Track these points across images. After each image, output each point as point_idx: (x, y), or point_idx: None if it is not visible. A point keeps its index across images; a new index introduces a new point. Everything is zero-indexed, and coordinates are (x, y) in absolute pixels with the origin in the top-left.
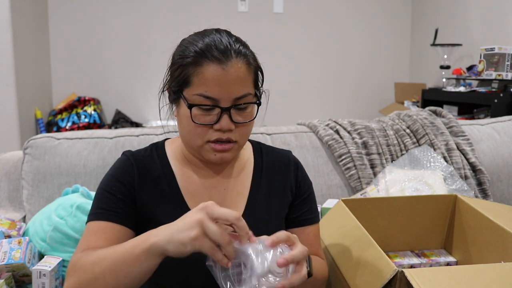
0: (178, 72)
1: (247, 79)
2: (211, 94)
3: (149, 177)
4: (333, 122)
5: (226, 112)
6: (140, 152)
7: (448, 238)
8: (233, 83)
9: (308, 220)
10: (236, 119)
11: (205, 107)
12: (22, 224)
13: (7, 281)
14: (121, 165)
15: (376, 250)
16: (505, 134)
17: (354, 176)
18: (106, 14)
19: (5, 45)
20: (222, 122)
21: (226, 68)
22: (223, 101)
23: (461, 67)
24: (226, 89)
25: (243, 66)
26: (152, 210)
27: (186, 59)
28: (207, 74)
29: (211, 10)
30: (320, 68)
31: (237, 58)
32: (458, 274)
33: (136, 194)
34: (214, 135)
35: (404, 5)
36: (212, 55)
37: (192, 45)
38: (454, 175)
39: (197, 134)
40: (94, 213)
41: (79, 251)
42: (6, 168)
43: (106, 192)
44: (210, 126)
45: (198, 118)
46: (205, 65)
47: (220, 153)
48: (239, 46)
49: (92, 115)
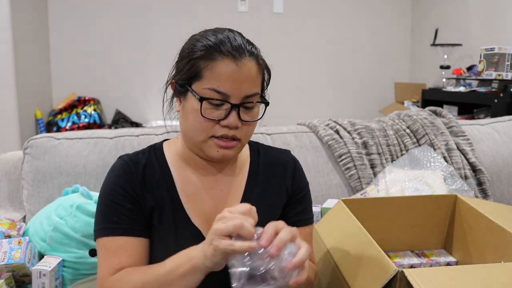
0: (189, 66)
1: (257, 79)
2: (223, 89)
3: (149, 182)
4: (333, 122)
5: (235, 109)
6: (138, 155)
7: (448, 238)
8: (245, 80)
9: (302, 221)
10: (243, 117)
11: (216, 102)
12: (22, 224)
13: (7, 281)
14: (120, 172)
15: (376, 250)
16: (505, 134)
17: (354, 176)
18: (106, 14)
19: (5, 45)
20: (230, 119)
21: (240, 65)
22: (233, 97)
23: (461, 67)
24: (238, 86)
25: (255, 67)
26: (151, 214)
27: (198, 52)
28: (221, 69)
29: (211, 10)
30: (320, 68)
31: (250, 57)
32: (458, 274)
33: (140, 200)
34: (220, 131)
35: (404, 5)
36: (227, 50)
37: (204, 39)
38: (454, 175)
39: (203, 129)
40: (107, 228)
41: (107, 274)
42: (6, 168)
43: (113, 203)
44: (217, 121)
45: (206, 113)
46: (219, 59)
47: (222, 150)
48: (251, 48)
49: (92, 115)
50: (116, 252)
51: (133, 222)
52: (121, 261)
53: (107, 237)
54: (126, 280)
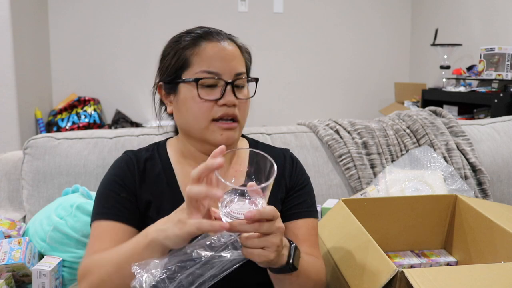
0: (175, 58)
1: (241, 59)
2: (214, 69)
3: (150, 176)
4: (333, 122)
5: (229, 86)
6: (141, 151)
7: (448, 238)
8: (233, 59)
9: (302, 214)
10: (238, 95)
11: (210, 81)
12: (22, 224)
13: (7, 281)
14: (122, 164)
15: (376, 250)
16: (505, 134)
17: (354, 176)
18: (106, 14)
19: (5, 45)
20: (227, 96)
21: (224, 45)
22: (225, 75)
23: (461, 67)
24: (228, 64)
25: (236, 48)
26: (151, 208)
27: (182, 44)
28: (208, 51)
29: (211, 10)
30: (320, 68)
31: (230, 40)
32: (458, 274)
33: (137, 192)
34: (219, 110)
35: (404, 5)
36: (210, 36)
37: (186, 34)
38: (454, 175)
39: (202, 113)
40: (98, 213)
41: (87, 255)
42: (6, 168)
43: (109, 191)
44: (215, 102)
45: (203, 94)
46: (203, 44)
47: (226, 132)
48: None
49: (92, 115)
50: (100, 235)
51: (124, 209)
52: (103, 245)
53: (97, 222)
54: (96, 258)
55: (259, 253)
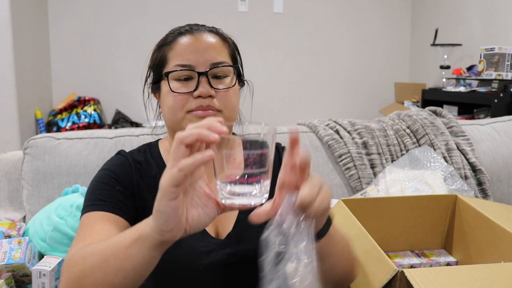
0: (158, 56)
1: (222, 49)
2: (187, 61)
3: (147, 176)
4: (333, 122)
5: (203, 77)
6: (134, 152)
7: (448, 238)
8: (207, 49)
9: None
10: (215, 86)
11: (181, 74)
12: (22, 224)
13: (7, 281)
14: (118, 163)
15: (376, 250)
16: (505, 134)
17: (354, 176)
18: (106, 14)
19: (5, 45)
20: (201, 88)
21: (197, 36)
22: (198, 67)
23: (461, 67)
24: (201, 55)
25: (216, 38)
26: (150, 208)
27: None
28: (180, 44)
29: (211, 10)
30: (320, 68)
31: (209, 32)
32: (458, 274)
33: (136, 192)
34: (194, 103)
35: (404, 5)
36: (184, 30)
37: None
38: (454, 175)
39: (177, 106)
40: (90, 205)
41: (74, 246)
42: (6, 168)
43: (103, 184)
44: (189, 94)
45: (176, 88)
46: (179, 39)
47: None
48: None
49: (92, 115)
50: (91, 225)
51: (117, 201)
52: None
53: (88, 213)
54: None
55: (320, 200)
